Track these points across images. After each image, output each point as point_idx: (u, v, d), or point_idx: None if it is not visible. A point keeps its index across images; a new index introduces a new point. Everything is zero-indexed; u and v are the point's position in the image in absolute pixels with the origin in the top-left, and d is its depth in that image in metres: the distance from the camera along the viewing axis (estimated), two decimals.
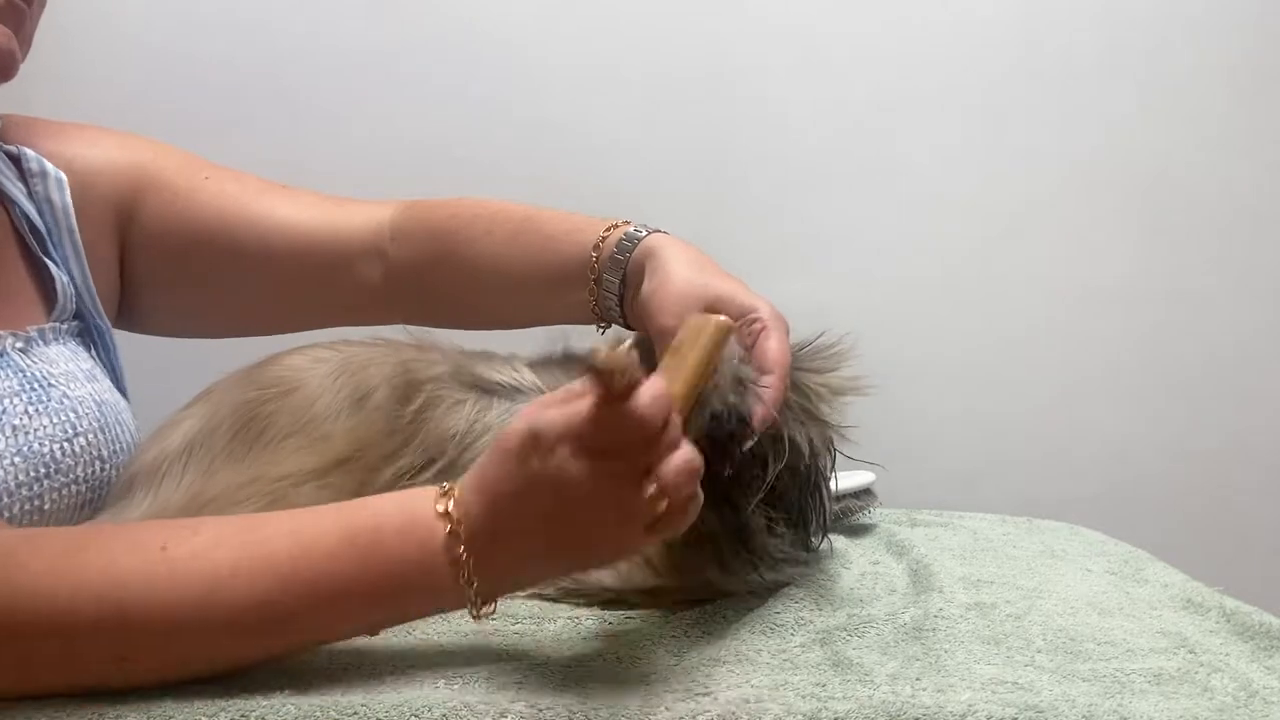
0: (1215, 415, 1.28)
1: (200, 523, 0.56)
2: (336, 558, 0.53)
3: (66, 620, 0.50)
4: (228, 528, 0.55)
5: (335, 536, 0.54)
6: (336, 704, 0.51)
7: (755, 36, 1.20)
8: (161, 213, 0.82)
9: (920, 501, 1.03)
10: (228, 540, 0.53)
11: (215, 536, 0.54)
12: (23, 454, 0.66)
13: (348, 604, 0.54)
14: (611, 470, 0.52)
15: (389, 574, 0.54)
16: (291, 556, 0.53)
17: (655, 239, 0.72)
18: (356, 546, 0.53)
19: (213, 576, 0.52)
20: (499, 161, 1.18)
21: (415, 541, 0.54)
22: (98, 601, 0.50)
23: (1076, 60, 1.22)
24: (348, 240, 0.82)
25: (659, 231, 0.74)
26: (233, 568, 0.52)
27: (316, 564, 0.53)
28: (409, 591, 0.54)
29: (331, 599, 0.53)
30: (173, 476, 0.68)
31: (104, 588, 0.50)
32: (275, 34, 1.17)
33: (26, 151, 0.77)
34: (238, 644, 0.53)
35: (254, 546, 0.53)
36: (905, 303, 1.24)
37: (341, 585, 0.53)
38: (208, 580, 0.52)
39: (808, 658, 0.61)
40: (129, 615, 0.50)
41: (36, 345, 0.73)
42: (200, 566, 0.52)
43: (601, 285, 0.73)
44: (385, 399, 0.70)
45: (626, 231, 0.74)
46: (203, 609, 0.51)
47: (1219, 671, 0.60)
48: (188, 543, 0.53)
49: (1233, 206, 1.25)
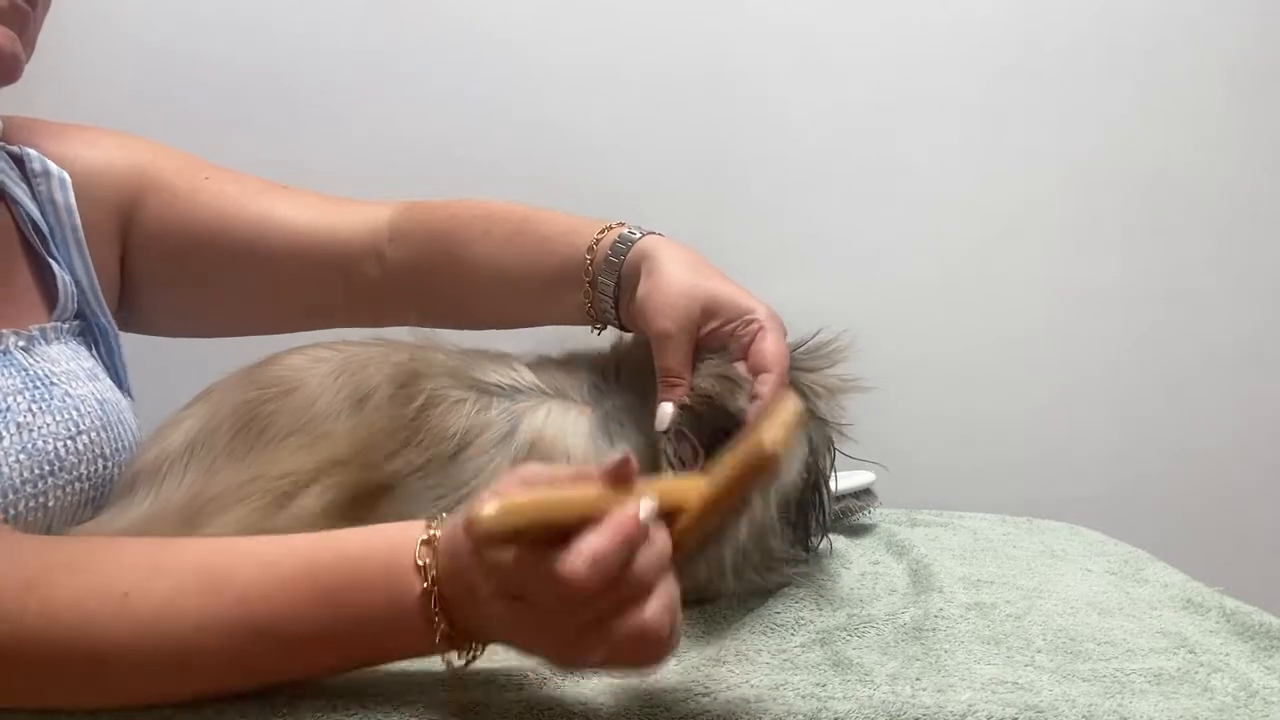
0: (1215, 415, 1.28)
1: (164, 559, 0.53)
2: (308, 609, 0.51)
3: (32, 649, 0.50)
4: (190, 576, 0.52)
5: (305, 586, 0.51)
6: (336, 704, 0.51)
7: (755, 36, 1.20)
8: (161, 213, 0.82)
9: (920, 501, 1.02)
10: (191, 589, 0.51)
11: (178, 584, 0.51)
12: (27, 451, 0.66)
13: (319, 654, 0.52)
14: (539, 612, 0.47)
15: (361, 627, 0.51)
16: (260, 609, 0.51)
17: (650, 241, 0.72)
18: (328, 596, 0.51)
19: (178, 635, 0.50)
20: (499, 161, 1.18)
21: (390, 597, 0.51)
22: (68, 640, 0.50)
23: (1076, 60, 1.22)
24: (347, 241, 0.82)
25: (654, 234, 0.74)
26: (197, 623, 0.50)
27: (286, 616, 0.51)
28: (382, 643, 0.53)
29: (301, 649, 0.52)
30: (174, 475, 0.68)
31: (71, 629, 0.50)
32: (275, 34, 1.17)
33: (29, 152, 0.77)
34: (209, 687, 0.52)
35: (220, 596, 0.51)
36: (905, 303, 1.24)
37: (312, 636, 0.51)
38: (173, 639, 0.50)
39: (808, 658, 0.61)
40: (97, 654, 0.50)
41: (39, 344, 0.73)
42: (165, 625, 0.50)
43: (596, 287, 0.73)
44: (385, 398, 0.70)
45: (621, 234, 0.73)
46: (168, 664, 0.51)
47: (1219, 671, 0.60)
48: (152, 594, 0.51)
49: (1233, 206, 1.25)
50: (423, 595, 0.50)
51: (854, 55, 1.21)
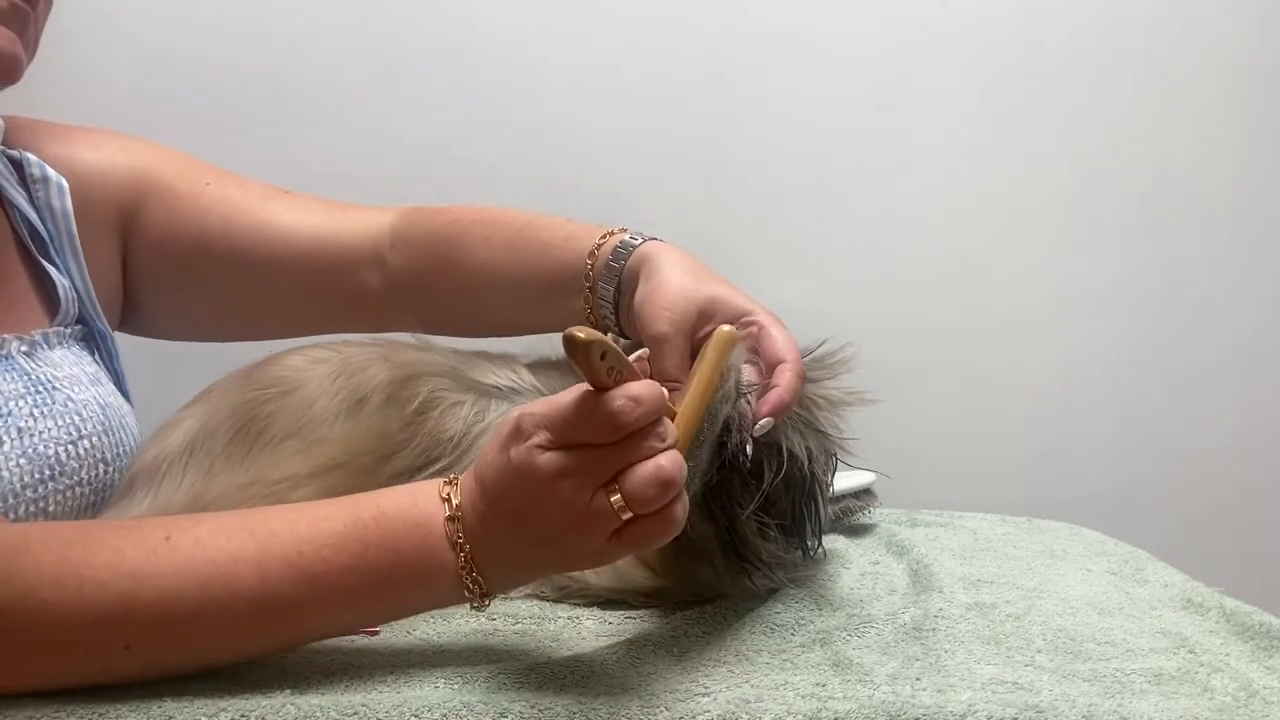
0: (1215, 415, 1.28)
1: (204, 514, 0.57)
2: (339, 543, 0.54)
3: (74, 610, 0.50)
4: (231, 519, 0.56)
5: (340, 521, 0.54)
6: (337, 703, 0.51)
7: (755, 36, 1.20)
8: (163, 217, 0.82)
9: (920, 501, 1.03)
10: (230, 530, 0.54)
11: (217, 526, 0.54)
12: (28, 456, 0.66)
13: (349, 590, 0.54)
14: (575, 466, 0.51)
15: (390, 557, 0.54)
16: (294, 542, 0.53)
17: (650, 246, 0.72)
18: (359, 531, 0.54)
19: (215, 564, 0.52)
20: (499, 162, 1.18)
21: (416, 524, 0.55)
22: (102, 590, 0.51)
23: (1077, 60, 1.22)
24: (349, 246, 0.82)
25: (654, 239, 0.74)
26: (234, 555, 0.53)
27: (319, 550, 0.53)
28: (410, 576, 0.55)
29: (332, 585, 0.54)
30: (173, 476, 0.68)
31: (110, 578, 0.51)
32: (275, 34, 1.17)
33: (28, 156, 0.77)
34: (241, 632, 0.54)
35: (256, 535, 0.54)
36: (905, 302, 1.24)
37: (342, 570, 0.53)
38: (210, 568, 0.52)
39: (808, 658, 0.61)
40: (133, 604, 0.51)
41: (41, 349, 0.73)
42: (203, 554, 0.52)
43: (596, 293, 0.73)
44: (384, 401, 0.70)
45: (622, 239, 0.73)
46: (205, 596, 0.52)
47: (1219, 671, 0.60)
48: (190, 532, 0.53)
49: (1233, 206, 1.25)
50: (448, 522, 0.54)
51: (854, 55, 1.21)
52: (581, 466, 0.51)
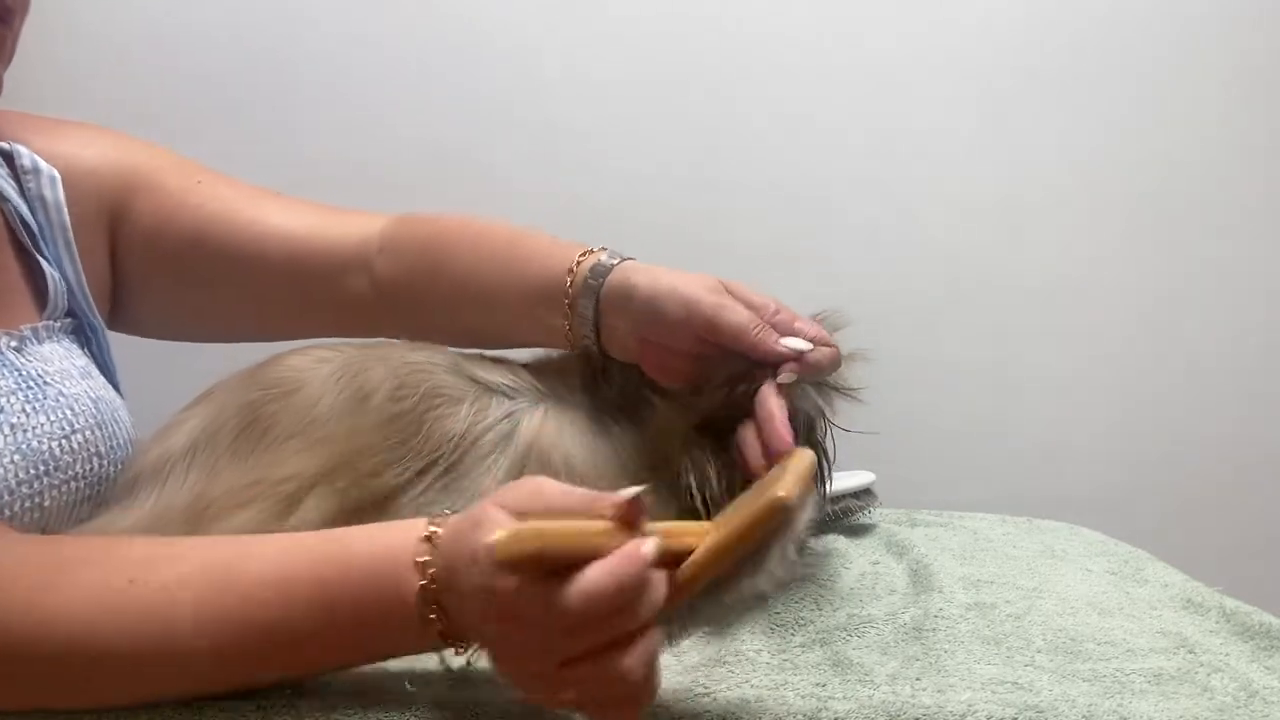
0: (1215, 415, 1.28)
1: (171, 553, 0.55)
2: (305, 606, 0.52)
3: (34, 650, 0.50)
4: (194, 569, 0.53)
5: (306, 580, 0.52)
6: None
7: (755, 36, 1.20)
8: (153, 214, 0.81)
9: (920, 501, 1.03)
10: (193, 581, 0.52)
11: (181, 576, 0.53)
12: (21, 452, 0.66)
13: (312, 652, 0.53)
14: (526, 639, 0.48)
15: (358, 618, 0.52)
16: (257, 604, 0.52)
17: (630, 264, 0.72)
18: (325, 590, 0.52)
19: (173, 621, 0.51)
20: (500, 163, 1.18)
21: (388, 592, 0.51)
22: (67, 639, 0.51)
23: (1077, 60, 1.22)
24: (339, 251, 0.82)
25: (630, 259, 0.73)
26: (195, 613, 0.51)
27: (282, 610, 0.52)
28: (378, 638, 0.53)
29: (293, 646, 0.52)
30: (177, 476, 0.68)
31: (71, 624, 0.51)
32: (275, 34, 1.17)
33: (19, 148, 0.77)
34: (201, 682, 0.53)
35: (219, 592, 0.52)
36: (905, 302, 1.24)
37: (306, 634, 0.52)
38: (170, 624, 0.51)
39: (808, 658, 0.61)
40: (93, 650, 0.51)
41: (30, 343, 0.72)
42: (164, 610, 0.51)
43: (576, 311, 0.73)
44: (385, 401, 0.70)
45: (600, 259, 0.73)
46: (165, 651, 0.51)
47: (1219, 671, 0.60)
48: (155, 577, 0.52)
49: (1234, 207, 1.25)
50: (420, 592, 0.51)
51: (854, 55, 1.21)
52: (527, 650, 0.48)
